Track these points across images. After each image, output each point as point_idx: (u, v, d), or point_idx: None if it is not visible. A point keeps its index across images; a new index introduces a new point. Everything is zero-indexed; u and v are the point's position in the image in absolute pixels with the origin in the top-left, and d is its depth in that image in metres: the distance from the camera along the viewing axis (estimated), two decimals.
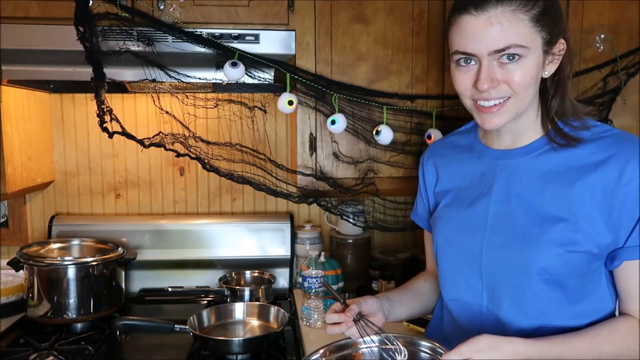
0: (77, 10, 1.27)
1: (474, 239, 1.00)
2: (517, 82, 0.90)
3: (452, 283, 1.06)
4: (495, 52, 0.88)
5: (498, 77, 0.90)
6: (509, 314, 0.97)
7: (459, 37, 0.91)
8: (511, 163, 1.00)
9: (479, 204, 1.02)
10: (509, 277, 0.96)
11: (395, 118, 1.52)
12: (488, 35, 0.87)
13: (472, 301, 1.02)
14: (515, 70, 0.89)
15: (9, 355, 1.35)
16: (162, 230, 1.82)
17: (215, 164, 1.52)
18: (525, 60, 0.89)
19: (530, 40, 0.88)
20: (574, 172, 0.93)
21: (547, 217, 0.93)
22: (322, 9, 1.47)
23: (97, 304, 1.55)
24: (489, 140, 1.06)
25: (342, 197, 1.70)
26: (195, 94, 1.69)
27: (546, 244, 0.92)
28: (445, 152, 1.14)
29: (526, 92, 0.92)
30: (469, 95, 0.95)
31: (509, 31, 0.87)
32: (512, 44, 0.87)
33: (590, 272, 0.94)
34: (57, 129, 1.86)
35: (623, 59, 1.52)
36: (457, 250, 1.03)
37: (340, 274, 1.75)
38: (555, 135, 0.96)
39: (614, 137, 0.94)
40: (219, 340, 1.37)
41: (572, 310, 0.95)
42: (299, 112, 1.51)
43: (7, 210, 1.86)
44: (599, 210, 0.91)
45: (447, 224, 1.06)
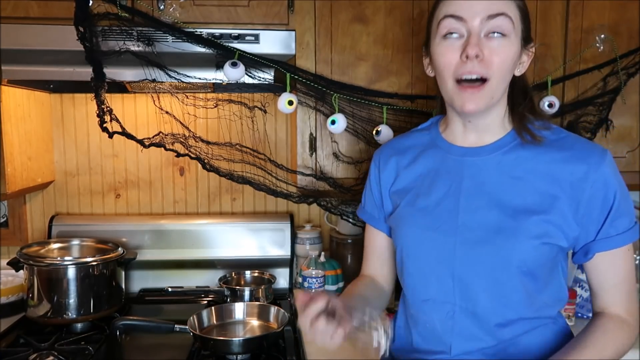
0: (77, 10, 1.27)
1: (445, 237, 0.99)
2: (500, 60, 0.92)
3: (423, 284, 1.04)
4: (488, 17, 0.90)
5: (484, 50, 0.91)
6: (486, 309, 0.97)
7: (450, 5, 0.93)
8: (479, 160, 1.01)
9: (448, 202, 1.01)
10: (486, 272, 0.96)
11: (395, 118, 1.52)
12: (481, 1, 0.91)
13: (443, 300, 1.01)
14: (500, 47, 0.91)
15: (9, 355, 1.35)
16: (162, 230, 1.82)
17: (215, 164, 1.52)
18: (508, 39, 0.92)
19: (515, 21, 0.92)
20: (541, 167, 0.96)
21: (521, 210, 0.95)
22: (322, 9, 1.47)
23: (97, 304, 1.55)
24: (452, 138, 1.05)
25: (342, 197, 1.70)
26: (195, 94, 1.69)
27: (524, 236, 0.93)
28: (406, 150, 1.12)
29: (503, 77, 0.94)
30: (452, 70, 0.95)
31: (502, 3, 0.91)
32: (504, 11, 0.90)
33: (555, 263, 0.98)
34: (57, 129, 1.86)
35: (623, 59, 1.52)
36: (428, 250, 1.01)
37: (340, 274, 1.75)
38: (521, 130, 0.99)
39: (574, 139, 0.99)
40: (219, 340, 1.37)
41: (541, 300, 0.98)
42: (299, 112, 1.51)
43: (7, 210, 1.86)
44: (567, 204, 0.94)
45: (414, 224, 1.04)
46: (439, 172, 1.04)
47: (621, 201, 0.95)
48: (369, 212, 1.19)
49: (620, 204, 0.95)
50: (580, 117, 1.56)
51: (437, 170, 1.05)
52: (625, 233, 0.95)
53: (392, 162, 1.12)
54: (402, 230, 1.06)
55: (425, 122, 1.16)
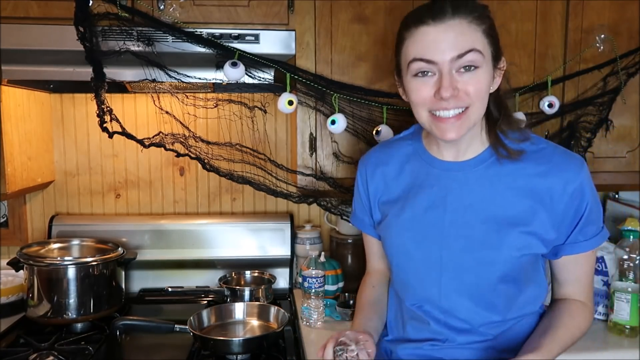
0: (77, 10, 1.27)
1: (432, 248, 1.04)
2: (476, 90, 0.93)
3: (412, 291, 1.10)
4: (458, 56, 0.91)
5: (459, 86, 0.92)
6: (471, 314, 1.04)
7: (418, 47, 0.93)
8: (461, 175, 1.04)
9: (433, 214, 1.04)
10: (471, 282, 1.02)
11: (395, 118, 1.52)
12: (448, 41, 0.90)
13: (432, 305, 1.07)
14: (473, 78, 0.92)
15: (9, 355, 1.35)
16: (162, 230, 1.82)
17: (215, 164, 1.52)
18: (480, 70, 0.93)
19: (484, 50, 0.93)
20: (521, 182, 1.00)
21: (503, 223, 1.00)
22: (322, 9, 1.47)
23: (97, 304, 1.55)
24: (434, 150, 1.08)
25: (342, 197, 1.70)
26: (195, 94, 1.69)
27: (506, 248, 0.99)
28: (390, 160, 1.14)
29: (482, 102, 0.96)
30: (427, 106, 0.97)
31: (467, 37, 0.91)
32: (472, 47, 0.91)
33: (536, 265, 1.06)
34: (57, 129, 1.86)
35: (623, 59, 1.52)
36: (415, 261, 1.07)
37: (340, 274, 1.75)
38: (497, 147, 1.02)
39: (552, 150, 1.03)
40: (219, 340, 1.37)
41: (522, 299, 1.05)
42: (299, 112, 1.51)
43: (7, 210, 1.86)
44: (546, 215, 0.99)
45: (401, 235, 1.08)
46: (423, 184, 1.07)
47: (592, 210, 1.01)
48: (360, 218, 1.24)
49: (591, 213, 1.01)
50: (580, 117, 1.56)
51: (422, 182, 1.08)
52: (592, 239, 1.03)
53: (379, 173, 1.15)
54: (390, 240, 1.11)
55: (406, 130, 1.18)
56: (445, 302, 1.05)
